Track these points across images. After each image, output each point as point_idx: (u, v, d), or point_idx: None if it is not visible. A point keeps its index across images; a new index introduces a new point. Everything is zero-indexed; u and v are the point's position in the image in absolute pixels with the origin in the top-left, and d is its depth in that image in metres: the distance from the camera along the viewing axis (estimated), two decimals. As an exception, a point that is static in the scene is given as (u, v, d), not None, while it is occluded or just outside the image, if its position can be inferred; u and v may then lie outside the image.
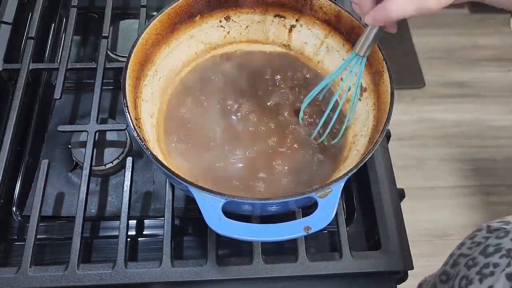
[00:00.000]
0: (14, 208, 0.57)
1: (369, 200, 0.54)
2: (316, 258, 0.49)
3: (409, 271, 0.50)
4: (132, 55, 0.49)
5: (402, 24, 1.89)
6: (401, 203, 0.55)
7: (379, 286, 0.49)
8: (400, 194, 0.57)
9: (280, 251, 0.55)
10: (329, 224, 0.57)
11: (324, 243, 0.57)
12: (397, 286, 0.50)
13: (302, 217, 0.41)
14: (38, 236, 0.49)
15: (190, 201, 0.57)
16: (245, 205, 0.42)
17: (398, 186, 0.56)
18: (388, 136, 0.62)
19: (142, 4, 0.66)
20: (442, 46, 1.85)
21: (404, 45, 1.82)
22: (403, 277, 0.51)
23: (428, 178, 1.50)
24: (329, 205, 0.41)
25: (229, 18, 0.59)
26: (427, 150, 1.58)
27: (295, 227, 0.39)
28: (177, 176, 0.42)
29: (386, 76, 0.50)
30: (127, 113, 0.45)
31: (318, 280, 0.49)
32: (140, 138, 0.44)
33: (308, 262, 0.48)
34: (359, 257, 0.49)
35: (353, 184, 0.59)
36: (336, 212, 0.51)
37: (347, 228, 0.52)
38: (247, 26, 0.60)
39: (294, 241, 0.50)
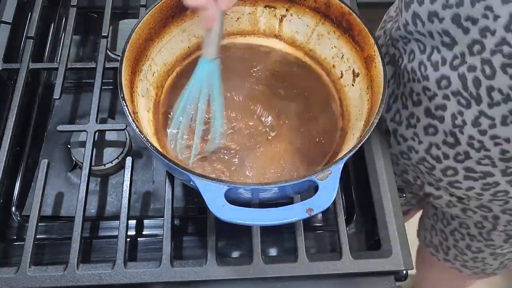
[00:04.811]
0: (13, 208, 0.57)
1: (369, 200, 0.54)
2: (316, 258, 0.49)
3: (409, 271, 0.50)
4: (127, 50, 0.50)
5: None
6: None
7: (379, 286, 0.49)
8: (400, 194, 0.57)
9: (280, 251, 0.55)
10: (329, 224, 0.58)
11: (324, 243, 0.57)
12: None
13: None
14: (37, 236, 0.49)
15: (190, 201, 0.57)
16: (247, 191, 0.42)
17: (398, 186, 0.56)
18: (388, 136, 0.62)
19: (141, 3, 0.66)
20: (442, 46, 1.84)
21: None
22: (403, 277, 0.51)
23: (428, 178, 1.50)
24: (329, 187, 0.41)
25: None
26: (427, 150, 1.58)
27: (297, 210, 0.40)
28: (179, 166, 0.42)
29: (378, 59, 0.51)
30: (125, 107, 0.45)
31: (318, 280, 0.49)
32: (139, 131, 0.44)
33: (308, 262, 0.48)
34: (359, 257, 0.49)
35: (353, 184, 0.59)
36: (336, 212, 0.51)
37: (347, 228, 0.52)
38: (238, 18, 0.61)
39: (294, 241, 0.50)
